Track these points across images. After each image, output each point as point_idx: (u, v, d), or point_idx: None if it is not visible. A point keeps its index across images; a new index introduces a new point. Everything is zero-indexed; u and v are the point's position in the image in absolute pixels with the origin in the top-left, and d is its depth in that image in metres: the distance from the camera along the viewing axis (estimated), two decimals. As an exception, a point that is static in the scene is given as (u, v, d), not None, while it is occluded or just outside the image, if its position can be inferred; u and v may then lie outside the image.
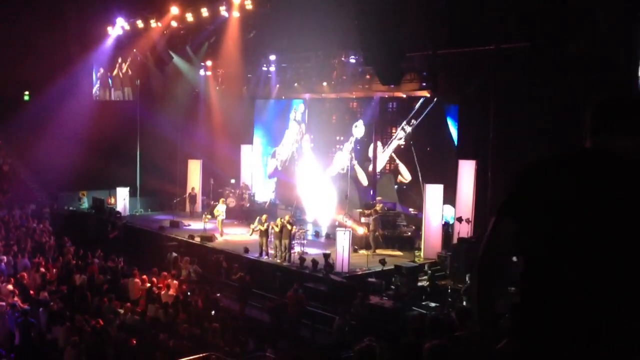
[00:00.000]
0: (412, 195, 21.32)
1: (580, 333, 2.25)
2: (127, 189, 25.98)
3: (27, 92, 29.09)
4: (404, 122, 21.78)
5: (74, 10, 26.49)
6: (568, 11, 15.60)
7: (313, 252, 18.46)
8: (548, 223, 2.31)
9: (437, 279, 15.93)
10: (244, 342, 12.81)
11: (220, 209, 21.61)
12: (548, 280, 2.31)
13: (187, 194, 25.86)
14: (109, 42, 26.76)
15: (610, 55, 14.56)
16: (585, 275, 2.24)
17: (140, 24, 24.93)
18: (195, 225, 22.56)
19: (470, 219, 17.73)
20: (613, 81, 14.53)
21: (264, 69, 24.74)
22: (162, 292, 14.95)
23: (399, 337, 5.38)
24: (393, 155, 22.47)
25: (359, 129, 23.52)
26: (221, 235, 21.14)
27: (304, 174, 25.22)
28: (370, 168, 23.07)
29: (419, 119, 21.19)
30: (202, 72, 26.85)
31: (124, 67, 29.20)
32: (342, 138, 24.30)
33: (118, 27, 25.64)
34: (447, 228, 18.81)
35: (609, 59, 14.61)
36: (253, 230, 19.13)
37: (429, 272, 15.81)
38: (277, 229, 17.85)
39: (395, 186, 22.27)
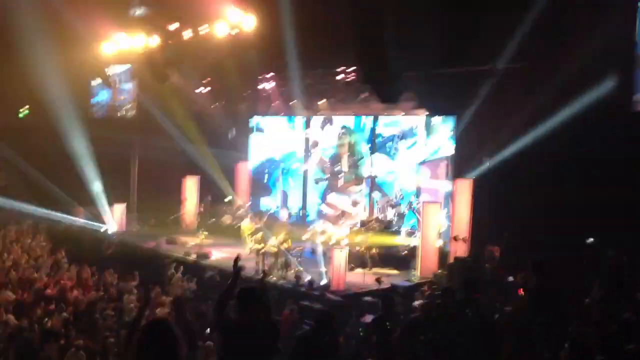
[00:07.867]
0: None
1: None
2: (124, 205, 25.89)
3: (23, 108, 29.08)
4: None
5: (71, 22, 26.47)
6: (565, 31, 15.76)
7: (309, 269, 18.36)
8: None
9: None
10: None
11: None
12: None
13: (185, 211, 25.78)
14: (108, 56, 26.75)
15: (605, 76, 14.70)
16: None
17: (139, 39, 24.97)
18: (192, 242, 22.50)
19: (466, 238, 17.71)
20: (609, 102, 14.66)
21: (262, 86, 24.77)
22: (158, 310, 14.81)
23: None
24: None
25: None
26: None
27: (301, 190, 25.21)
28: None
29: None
30: (200, 88, 26.84)
31: (121, 83, 29.25)
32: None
33: (117, 41, 25.65)
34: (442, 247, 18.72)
35: (604, 79, 14.76)
36: (251, 250, 18.98)
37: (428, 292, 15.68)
38: (274, 249, 17.73)
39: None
